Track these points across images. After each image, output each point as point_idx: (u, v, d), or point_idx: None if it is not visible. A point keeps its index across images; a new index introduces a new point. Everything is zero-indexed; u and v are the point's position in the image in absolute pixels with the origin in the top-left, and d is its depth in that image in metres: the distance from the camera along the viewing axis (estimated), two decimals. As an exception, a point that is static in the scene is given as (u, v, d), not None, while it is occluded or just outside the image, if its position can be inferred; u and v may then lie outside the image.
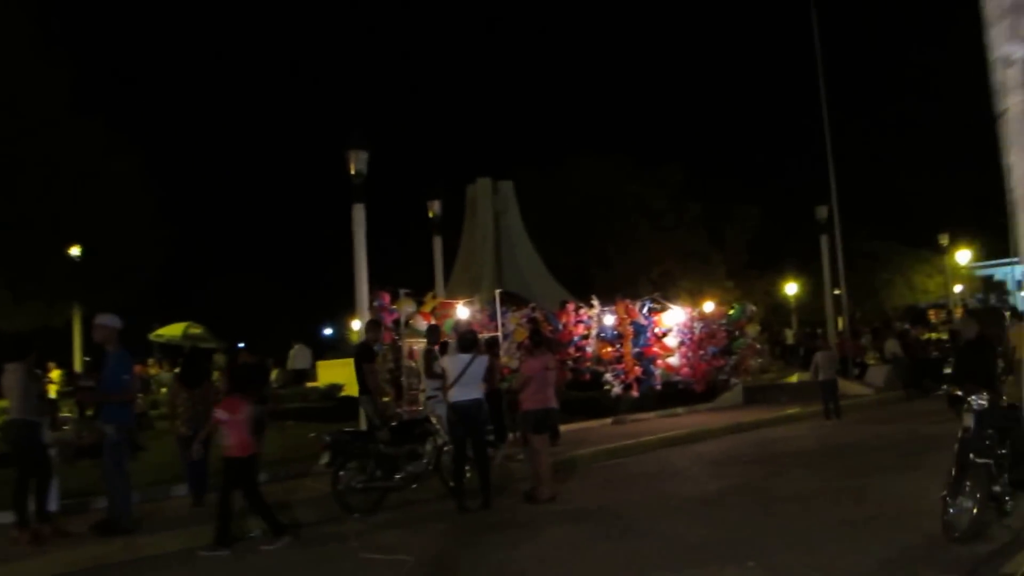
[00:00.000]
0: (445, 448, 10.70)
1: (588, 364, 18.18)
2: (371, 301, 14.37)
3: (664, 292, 21.62)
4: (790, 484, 10.46)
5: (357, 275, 13.80)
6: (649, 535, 8.24)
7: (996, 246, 47.39)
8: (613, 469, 12.67)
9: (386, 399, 14.76)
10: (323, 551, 8.55)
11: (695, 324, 19.65)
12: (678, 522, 8.71)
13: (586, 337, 18.30)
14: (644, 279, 33.57)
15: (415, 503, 10.44)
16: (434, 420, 10.94)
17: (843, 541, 7.40)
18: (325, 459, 10.14)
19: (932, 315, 38.34)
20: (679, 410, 18.60)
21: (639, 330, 18.54)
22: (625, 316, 18.28)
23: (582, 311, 18.43)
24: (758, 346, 21.58)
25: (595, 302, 18.40)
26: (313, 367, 27.26)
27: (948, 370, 8.84)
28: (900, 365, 21.60)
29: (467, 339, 10.44)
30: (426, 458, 10.56)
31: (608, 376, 17.97)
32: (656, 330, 19.02)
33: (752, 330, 20.96)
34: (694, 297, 23.71)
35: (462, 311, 15.69)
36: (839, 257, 23.40)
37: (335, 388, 21.63)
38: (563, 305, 18.78)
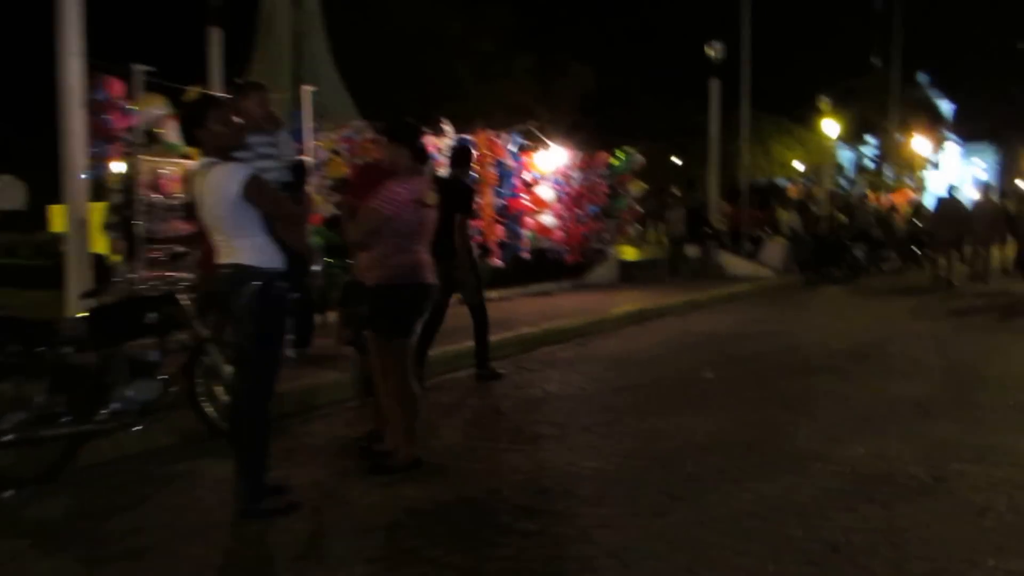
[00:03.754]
0: (207, 354, 5.71)
1: (434, 219, 12.67)
2: (90, 90, 8.40)
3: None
4: (841, 439, 5.85)
5: (61, 37, 7.76)
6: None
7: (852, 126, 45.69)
8: (497, 386, 7.75)
9: (116, 258, 9.27)
10: None
11: (574, 173, 14.55)
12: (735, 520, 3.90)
13: (434, 178, 12.63)
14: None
15: (145, 458, 5.29)
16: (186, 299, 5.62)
17: None
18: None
19: (792, 191, 35.81)
20: (549, 286, 13.81)
21: (504, 175, 13.17)
22: (488, 152, 12.81)
23: (428, 138, 12.63)
24: (640, 209, 16.93)
25: (447, 126, 12.56)
26: (43, 210, 20.36)
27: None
28: (800, 243, 17.93)
29: (189, 116, 4.82)
30: (165, 372, 5.43)
31: (460, 237, 12.59)
32: (525, 175, 13.72)
33: (637, 188, 16.22)
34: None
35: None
36: (745, 105, 19.29)
37: (59, 240, 15.24)
38: (405, 127, 13.08)
